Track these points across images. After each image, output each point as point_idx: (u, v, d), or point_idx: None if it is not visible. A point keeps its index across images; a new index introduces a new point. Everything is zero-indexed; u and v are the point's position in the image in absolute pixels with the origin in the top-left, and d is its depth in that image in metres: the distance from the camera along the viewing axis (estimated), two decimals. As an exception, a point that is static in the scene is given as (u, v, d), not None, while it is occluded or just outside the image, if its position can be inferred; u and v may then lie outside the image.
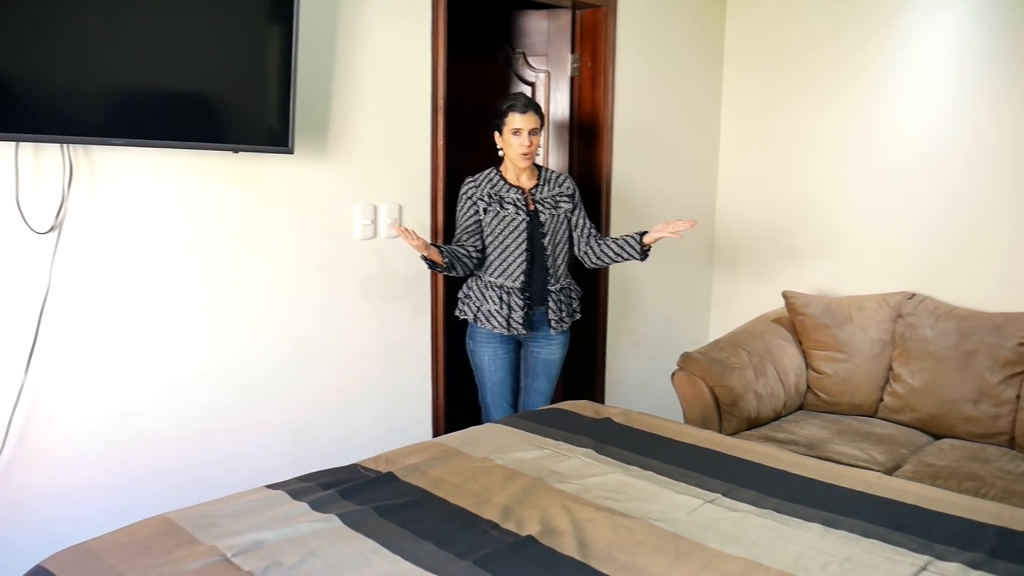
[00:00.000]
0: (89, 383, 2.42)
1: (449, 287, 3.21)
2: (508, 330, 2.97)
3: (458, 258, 2.90)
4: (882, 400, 3.41)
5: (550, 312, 3.03)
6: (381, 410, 3.10)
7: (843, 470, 2.24)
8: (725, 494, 2.04)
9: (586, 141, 3.74)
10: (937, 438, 3.22)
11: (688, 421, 3.25)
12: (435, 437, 2.90)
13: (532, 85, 3.74)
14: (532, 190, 3.03)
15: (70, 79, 2.17)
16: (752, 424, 3.32)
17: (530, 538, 1.76)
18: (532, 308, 3.02)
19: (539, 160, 3.12)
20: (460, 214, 3.01)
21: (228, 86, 2.48)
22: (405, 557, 1.67)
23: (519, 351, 3.16)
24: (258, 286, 2.74)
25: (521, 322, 2.97)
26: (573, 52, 3.70)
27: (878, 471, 2.69)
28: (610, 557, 1.69)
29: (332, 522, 1.82)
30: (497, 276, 2.98)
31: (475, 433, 2.49)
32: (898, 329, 3.42)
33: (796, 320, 3.64)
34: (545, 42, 3.71)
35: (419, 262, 2.89)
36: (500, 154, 3.03)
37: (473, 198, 2.99)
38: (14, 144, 2.19)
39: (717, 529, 1.83)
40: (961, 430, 3.15)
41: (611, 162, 3.73)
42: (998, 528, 1.84)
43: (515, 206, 2.96)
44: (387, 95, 2.98)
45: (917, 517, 1.90)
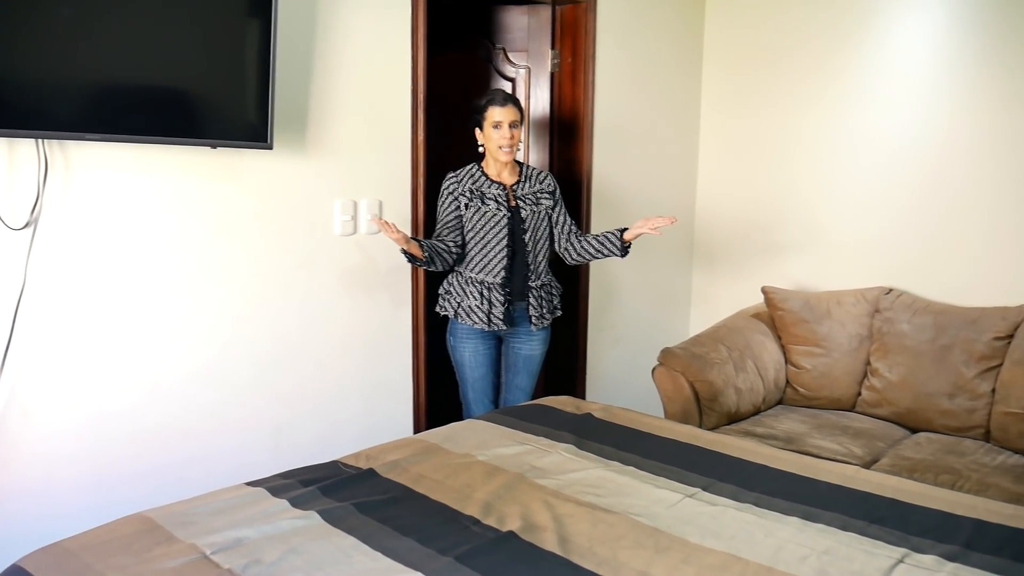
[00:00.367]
0: (66, 381, 2.39)
1: (430, 283, 3.21)
2: (488, 326, 2.97)
3: (438, 252, 2.89)
4: (860, 394, 3.44)
5: (531, 308, 3.04)
6: (362, 406, 3.09)
7: (821, 464, 2.26)
8: (705, 488, 2.05)
9: (566, 138, 3.74)
10: (914, 432, 3.25)
11: (668, 416, 3.27)
12: (416, 433, 2.89)
13: (512, 81, 3.74)
14: (513, 186, 3.03)
15: (44, 73, 2.14)
16: (732, 419, 3.34)
17: (511, 533, 1.76)
18: (512, 304, 3.02)
19: (519, 157, 3.13)
20: (441, 209, 3.01)
21: (206, 81, 2.46)
22: (386, 553, 1.67)
23: (500, 347, 3.16)
24: (238, 283, 2.72)
25: (501, 318, 2.97)
26: (553, 48, 3.70)
27: (856, 465, 2.72)
28: (591, 552, 1.69)
29: (312, 519, 1.81)
30: (478, 272, 2.98)
31: (456, 429, 2.49)
32: (875, 324, 3.45)
33: (775, 315, 3.66)
34: (525, 38, 3.71)
35: (399, 257, 2.88)
36: (481, 150, 3.03)
37: (455, 193, 2.98)
38: (-12, 139, 2.16)
39: (697, 523, 1.84)
40: (937, 424, 3.19)
41: (591, 159, 3.73)
42: (974, 520, 1.86)
43: (496, 202, 2.96)
44: (367, 90, 2.96)
45: (894, 510, 1.92)
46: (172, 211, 2.55)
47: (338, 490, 1.97)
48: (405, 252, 2.82)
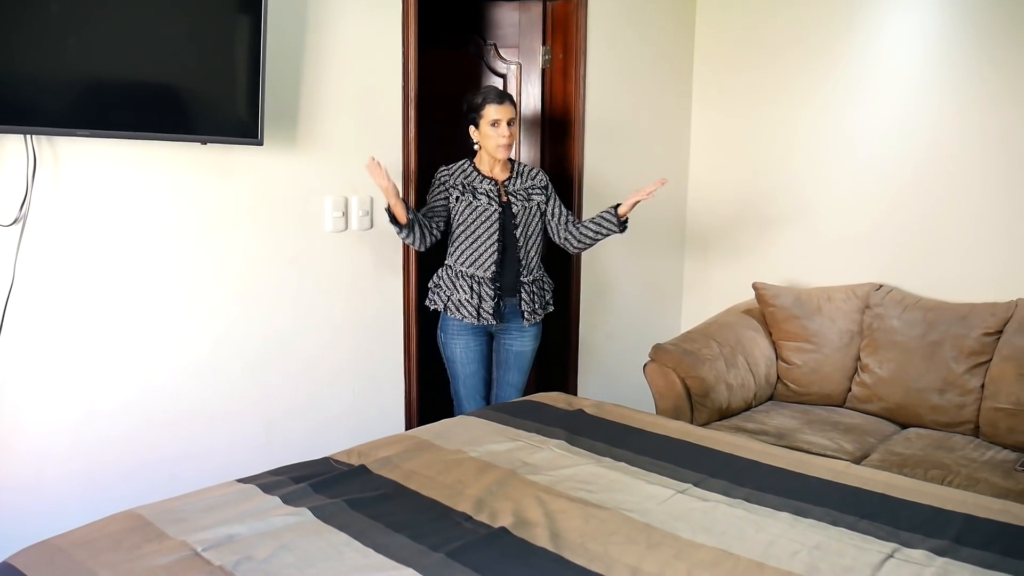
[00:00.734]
0: (56, 379, 2.38)
1: (421, 279, 3.20)
2: (478, 320, 2.97)
3: (421, 225, 2.88)
4: (850, 390, 3.46)
5: (523, 304, 3.04)
6: (354, 403, 3.09)
7: (812, 460, 2.26)
8: (696, 484, 2.05)
9: (558, 134, 3.74)
10: (904, 427, 3.26)
11: (660, 412, 3.27)
12: (408, 430, 2.89)
13: (504, 77, 3.74)
14: (505, 182, 3.03)
15: (33, 68, 2.12)
16: (723, 415, 3.35)
17: (503, 530, 1.76)
18: (503, 299, 3.02)
19: (511, 154, 3.12)
20: (430, 196, 3.01)
21: (196, 76, 2.44)
22: (377, 550, 1.66)
23: (491, 343, 3.16)
24: (228, 279, 2.71)
25: (491, 312, 2.97)
26: (544, 44, 3.70)
27: (846, 460, 2.73)
28: (582, 548, 1.69)
29: (304, 515, 1.81)
30: (468, 266, 2.98)
31: (448, 425, 2.49)
32: (866, 320, 3.47)
33: (766, 311, 3.67)
34: (517, 34, 3.70)
35: (391, 253, 2.88)
36: (476, 148, 3.02)
37: (446, 184, 2.99)
38: (-24, 135, 2.15)
39: (688, 519, 1.85)
40: (927, 419, 3.20)
41: (583, 155, 3.73)
42: (963, 515, 1.87)
43: (488, 196, 2.96)
44: (358, 87, 2.95)
45: (884, 505, 1.93)
46: (162, 207, 2.53)
47: (330, 487, 1.97)
48: (389, 212, 2.80)
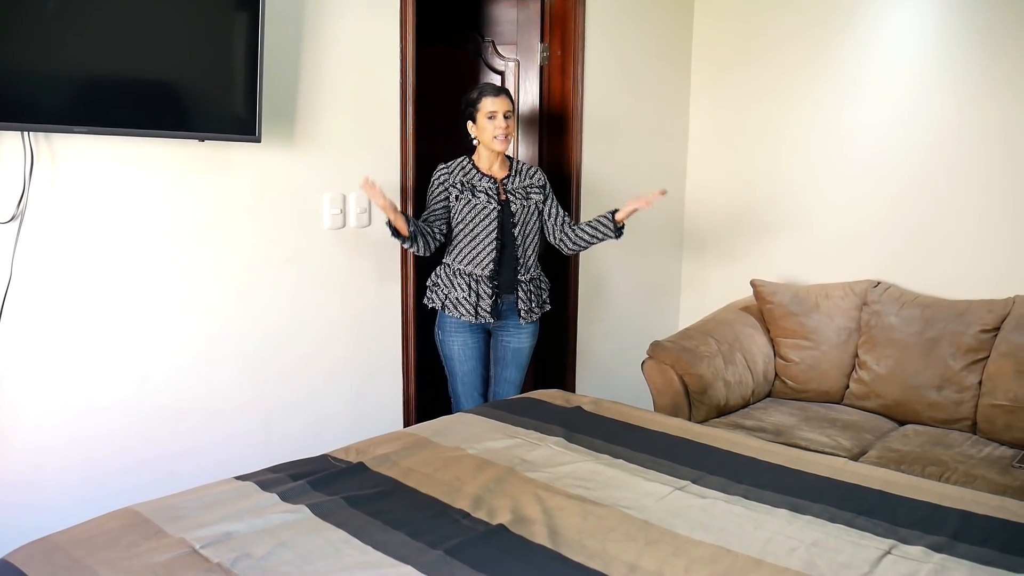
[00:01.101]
0: (54, 376, 2.38)
1: (419, 276, 3.20)
2: (476, 318, 2.97)
3: (423, 233, 2.88)
4: (848, 387, 3.46)
5: (520, 302, 3.04)
6: (351, 400, 3.09)
7: (810, 456, 2.27)
8: (694, 481, 2.05)
9: (555, 131, 3.74)
10: (901, 424, 3.27)
11: (658, 409, 3.28)
12: (406, 427, 2.89)
13: (502, 74, 3.73)
14: (504, 180, 3.03)
15: (30, 65, 2.12)
16: (721, 412, 3.35)
17: (501, 527, 1.76)
18: (500, 297, 3.02)
19: (509, 151, 3.12)
20: (430, 198, 3.00)
21: (194, 73, 2.44)
22: (376, 547, 1.67)
23: (489, 341, 3.16)
24: (226, 277, 2.71)
25: (489, 310, 2.97)
26: (542, 41, 3.69)
27: (844, 457, 2.74)
28: (580, 545, 1.69)
29: (302, 513, 1.81)
30: (466, 264, 2.98)
31: (446, 423, 2.49)
32: (864, 317, 3.47)
33: (764, 308, 3.67)
34: (514, 31, 3.70)
35: (389, 251, 2.87)
36: (474, 143, 3.02)
37: (445, 184, 2.98)
38: (-27, 132, 2.14)
39: (686, 516, 1.85)
40: (925, 416, 3.20)
41: (580, 152, 3.73)
42: (960, 512, 1.87)
43: (487, 194, 2.96)
44: (356, 84, 2.95)
45: (882, 502, 1.93)
46: (159, 204, 2.53)
47: (328, 484, 1.97)
48: (390, 225, 2.81)
